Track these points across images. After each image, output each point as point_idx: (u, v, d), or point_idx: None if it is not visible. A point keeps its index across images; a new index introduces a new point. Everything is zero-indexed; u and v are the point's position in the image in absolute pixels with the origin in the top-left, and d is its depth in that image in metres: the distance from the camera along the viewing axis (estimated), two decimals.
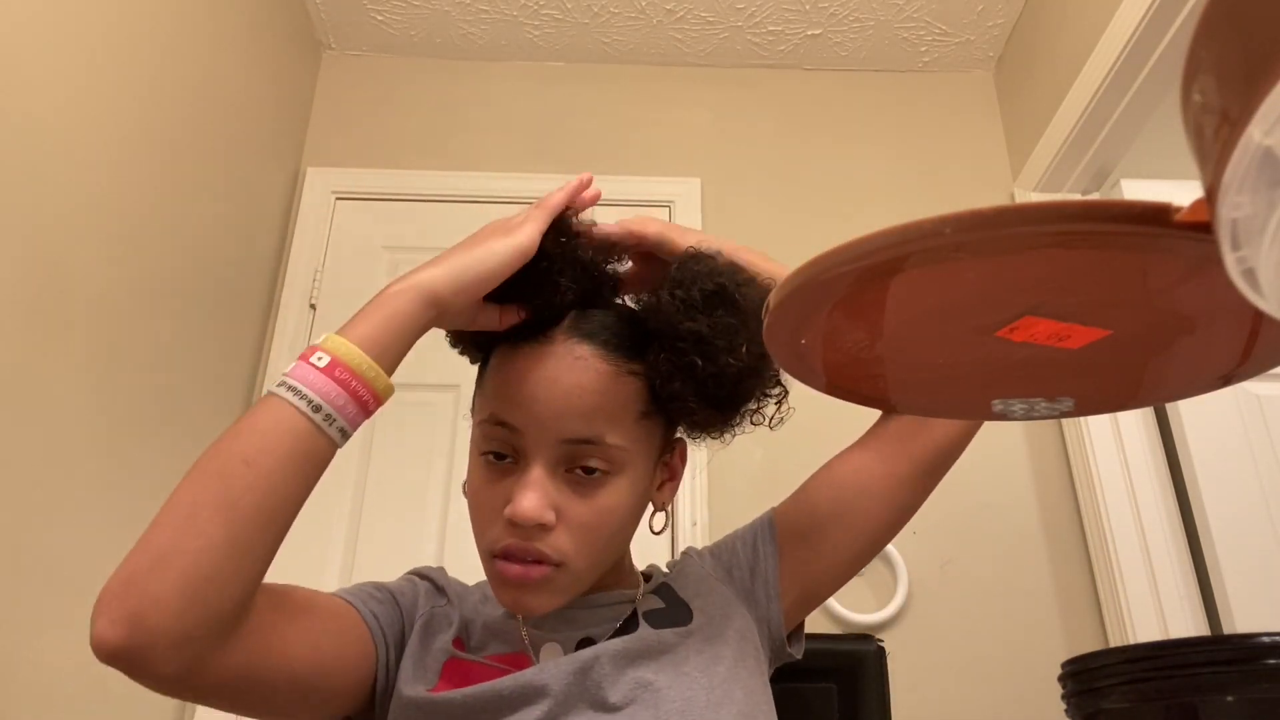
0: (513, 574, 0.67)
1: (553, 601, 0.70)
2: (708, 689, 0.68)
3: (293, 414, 0.59)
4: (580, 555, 0.69)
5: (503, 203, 2.15)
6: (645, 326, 0.73)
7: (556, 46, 2.31)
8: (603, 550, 0.72)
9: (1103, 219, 0.37)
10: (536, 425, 0.68)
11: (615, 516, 0.71)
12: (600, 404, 0.69)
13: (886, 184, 2.21)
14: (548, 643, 0.73)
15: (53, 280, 1.31)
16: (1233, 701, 0.78)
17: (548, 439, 0.68)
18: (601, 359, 0.70)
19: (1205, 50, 0.26)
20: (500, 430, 0.70)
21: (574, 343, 0.71)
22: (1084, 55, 1.85)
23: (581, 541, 0.69)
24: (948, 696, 1.71)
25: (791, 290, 0.45)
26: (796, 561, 0.80)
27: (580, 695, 0.67)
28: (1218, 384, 0.51)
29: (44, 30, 1.30)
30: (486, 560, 0.70)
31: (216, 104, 1.80)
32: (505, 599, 0.70)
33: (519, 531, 0.67)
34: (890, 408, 0.76)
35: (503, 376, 0.71)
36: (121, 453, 1.47)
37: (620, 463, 0.71)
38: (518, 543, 0.67)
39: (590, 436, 0.69)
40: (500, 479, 0.70)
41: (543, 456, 0.69)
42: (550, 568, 0.68)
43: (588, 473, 0.69)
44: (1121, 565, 1.73)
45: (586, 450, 0.69)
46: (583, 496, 0.69)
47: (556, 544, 0.68)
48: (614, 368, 0.71)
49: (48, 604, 1.29)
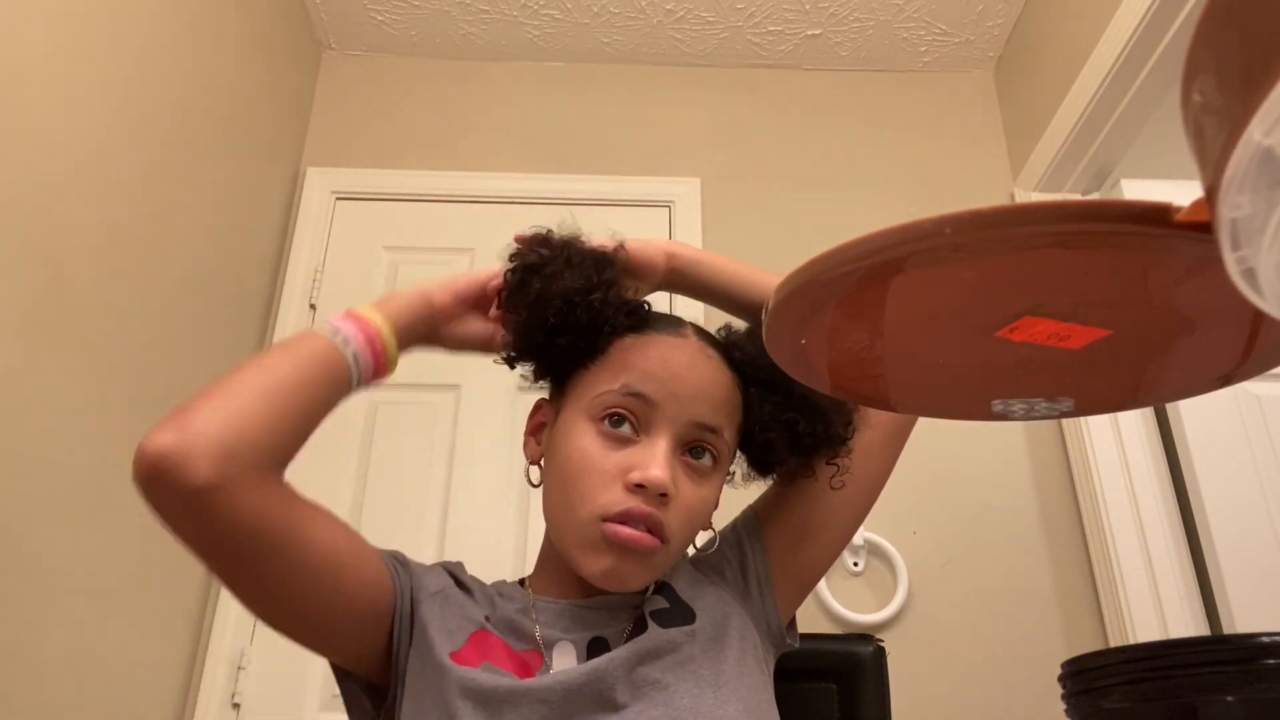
0: (627, 536, 0.68)
1: (645, 577, 0.72)
2: (715, 687, 0.69)
3: (316, 335, 0.69)
4: (678, 538, 0.72)
5: (503, 203, 2.15)
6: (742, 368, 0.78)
7: (556, 46, 2.31)
8: (688, 541, 0.75)
9: (1103, 219, 0.37)
10: (674, 401, 0.72)
11: (707, 509, 0.75)
12: (726, 399, 0.75)
13: (887, 184, 2.21)
14: (560, 642, 0.74)
15: (53, 280, 1.31)
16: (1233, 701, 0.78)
17: (682, 417, 0.72)
18: (727, 367, 0.77)
19: (1205, 50, 0.26)
20: (632, 400, 0.73)
21: (705, 344, 0.77)
22: (1084, 55, 1.85)
23: (683, 524, 0.72)
24: (948, 696, 1.71)
25: (791, 290, 0.45)
26: (784, 550, 0.81)
27: (591, 696, 0.67)
28: (1218, 384, 0.51)
29: (44, 31, 1.30)
30: (591, 524, 0.70)
31: (217, 104, 1.80)
32: (602, 565, 0.70)
33: (644, 496, 0.69)
34: (890, 407, 0.76)
35: (642, 354, 0.75)
36: (123, 452, 1.47)
37: (723, 461, 0.76)
38: (640, 507, 0.69)
39: (716, 425, 0.74)
40: (619, 447, 0.72)
41: (672, 433, 0.72)
42: (660, 543, 0.70)
43: (697, 458, 0.73)
44: (1121, 565, 1.73)
45: (709, 437, 0.74)
46: (693, 482, 0.73)
47: (669, 519, 0.70)
48: (733, 378, 0.77)
49: (47, 604, 1.29)
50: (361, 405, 1.92)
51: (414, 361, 0.75)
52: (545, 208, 2.14)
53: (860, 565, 1.82)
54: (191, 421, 0.61)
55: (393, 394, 1.92)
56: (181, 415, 0.61)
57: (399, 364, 0.75)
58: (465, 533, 1.82)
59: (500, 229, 2.42)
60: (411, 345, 0.75)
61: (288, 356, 0.67)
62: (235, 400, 0.63)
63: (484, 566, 0.94)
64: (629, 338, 0.76)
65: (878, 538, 1.82)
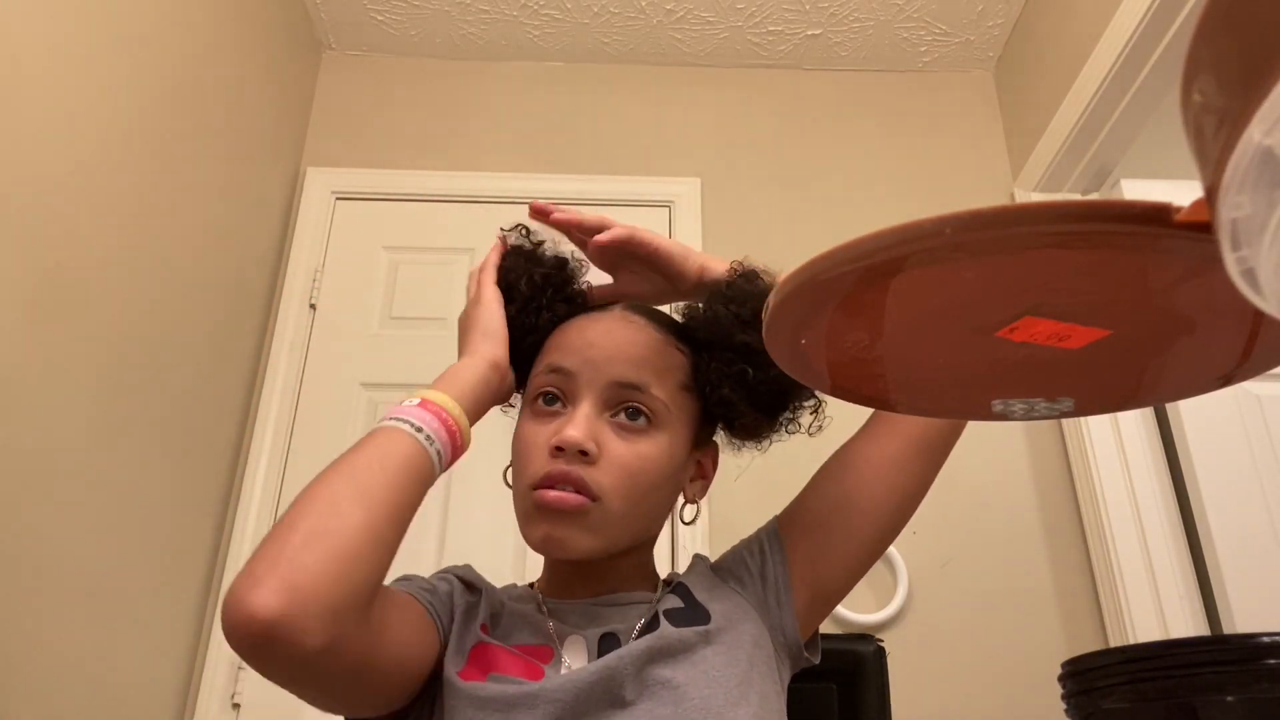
0: (550, 498, 0.70)
1: (585, 540, 0.72)
2: (725, 688, 0.69)
3: (400, 434, 0.67)
4: (616, 495, 0.72)
5: (502, 203, 2.15)
6: (694, 335, 0.79)
7: (556, 46, 2.31)
8: (638, 501, 0.74)
9: (1103, 219, 0.37)
10: (590, 367, 0.75)
11: (652, 467, 0.74)
12: (649, 357, 0.76)
13: (886, 184, 2.21)
14: (572, 636, 0.74)
15: (53, 280, 1.31)
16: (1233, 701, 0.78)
17: (599, 380, 0.74)
18: (654, 328, 0.78)
19: (1205, 50, 0.26)
20: (554, 376, 0.76)
21: (629, 313, 0.79)
22: (1084, 55, 1.85)
23: (619, 481, 0.72)
24: (948, 696, 1.71)
25: (791, 290, 0.45)
26: (805, 563, 0.80)
27: (602, 694, 0.67)
28: (1218, 384, 0.51)
29: (44, 31, 1.30)
30: (524, 497, 0.73)
31: (216, 104, 1.80)
32: (538, 533, 0.72)
33: (563, 458, 0.71)
34: (891, 407, 0.76)
35: (562, 333, 0.79)
36: (121, 452, 1.47)
37: (661, 417, 0.75)
38: (559, 468, 0.71)
39: (637, 382, 0.75)
40: (548, 421, 0.75)
41: (592, 396, 0.74)
42: (588, 500, 0.71)
43: (631, 418, 0.74)
44: (1121, 565, 1.73)
45: (633, 395, 0.75)
46: (624, 440, 0.74)
47: (596, 478, 0.71)
48: (664, 337, 0.78)
49: (48, 604, 1.29)
50: (363, 406, 1.93)
51: (414, 361, 0.75)
52: None
53: (867, 570, 1.82)
54: (299, 580, 0.56)
55: (393, 394, 1.92)
56: (286, 569, 0.56)
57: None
58: (466, 534, 1.82)
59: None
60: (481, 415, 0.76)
61: (383, 472, 0.64)
62: (339, 543, 0.58)
63: (484, 570, 0.94)
64: (560, 326, 0.81)
65: None
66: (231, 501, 1.84)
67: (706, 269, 0.82)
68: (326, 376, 1.96)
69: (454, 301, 2.04)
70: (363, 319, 2.02)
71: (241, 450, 1.89)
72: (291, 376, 1.95)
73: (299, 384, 1.96)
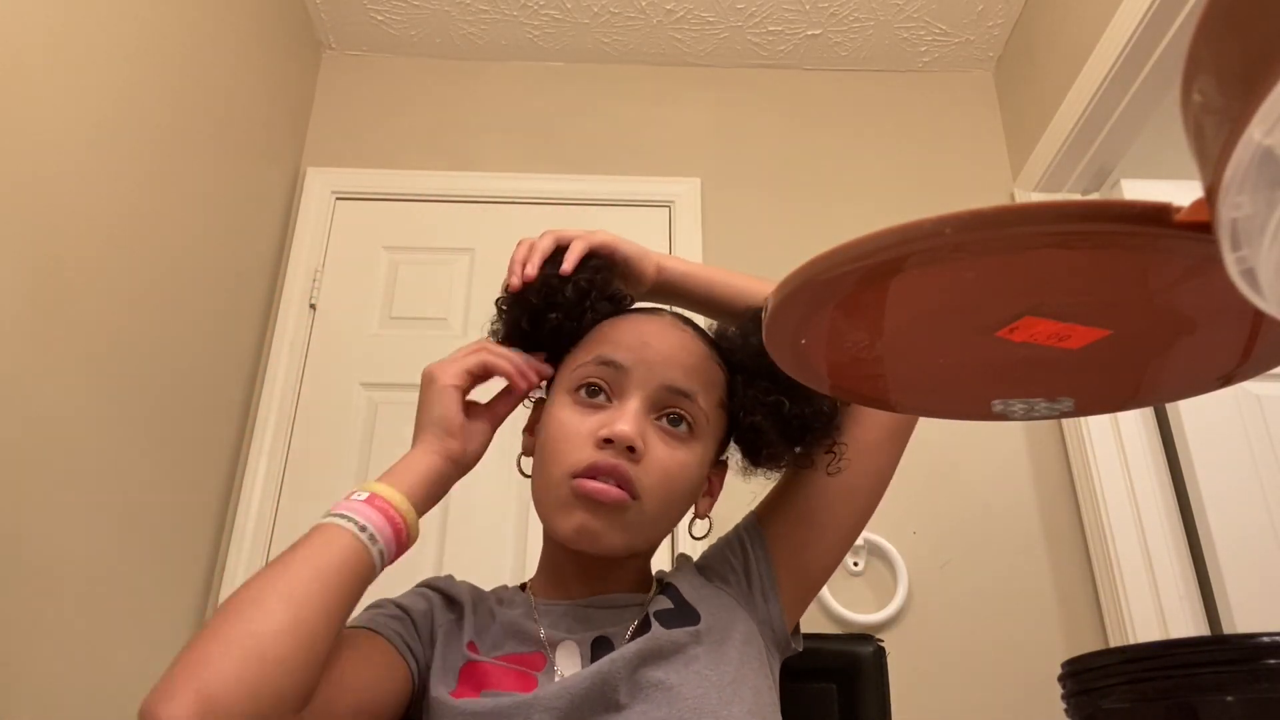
0: (593, 488, 0.69)
1: (617, 537, 0.71)
2: (719, 687, 0.69)
3: (342, 532, 0.65)
4: (654, 497, 0.71)
5: (503, 203, 2.15)
6: (731, 358, 0.79)
7: (556, 46, 2.31)
8: (671, 506, 0.74)
9: (1103, 219, 0.37)
10: (644, 366, 0.74)
11: (688, 475, 0.74)
12: (700, 366, 0.76)
13: (886, 184, 2.21)
14: (564, 641, 0.74)
15: (52, 280, 1.31)
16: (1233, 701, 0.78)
17: (652, 380, 0.74)
18: (702, 341, 0.79)
19: (1205, 50, 0.26)
20: (605, 369, 0.75)
21: (678, 320, 0.80)
22: (1084, 55, 1.85)
23: (659, 483, 0.72)
24: (948, 696, 1.71)
25: (791, 290, 0.45)
26: (788, 553, 0.81)
27: (596, 699, 0.68)
28: (1218, 384, 0.51)
29: (44, 31, 1.30)
30: (562, 483, 0.71)
31: (216, 104, 1.80)
32: (573, 522, 0.70)
33: (612, 451, 0.70)
34: (890, 407, 0.76)
35: (614, 326, 0.78)
36: (121, 452, 1.47)
37: (701, 428, 0.75)
38: (607, 460, 0.70)
39: (688, 390, 0.74)
40: (591, 414, 0.73)
41: (643, 395, 0.73)
42: (628, 497, 0.70)
43: (674, 423, 0.74)
44: (1121, 565, 1.73)
45: (681, 402, 0.74)
46: (666, 445, 0.73)
47: (639, 476, 0.71)
48: (710, 351, 0.79)
49: (47, 604, 1.29)
50: (363, 406, 1.93)
51: (414, 361, 0.75)
52: (545, 208, 2.14)
53: (860, 565, 1.82)
54: (214, 690, 0.53)
55: (393, 394, 1.92)
56: (201, 679, 0.54)
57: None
58: (465, 534, 1.82)
59: (500, 229, 2.42)
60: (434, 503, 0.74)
61: (316, 573, 0.61)
62: (260, 648, 0.56)
63: (484, 570, 0.94)
64: (608, 318, 0.79)
65: (878, 538, 1.82)
66: (231, 501, 1.84)
67: (663, 268, 0.85)
68: (326, 376, 1.96)
69: (454, 302, 2.04)
70: (363, 319, 2.02)
71: (241, 450, 1.89)
72: (291, 376, 1.95)
73: (299, 384, 1.96)
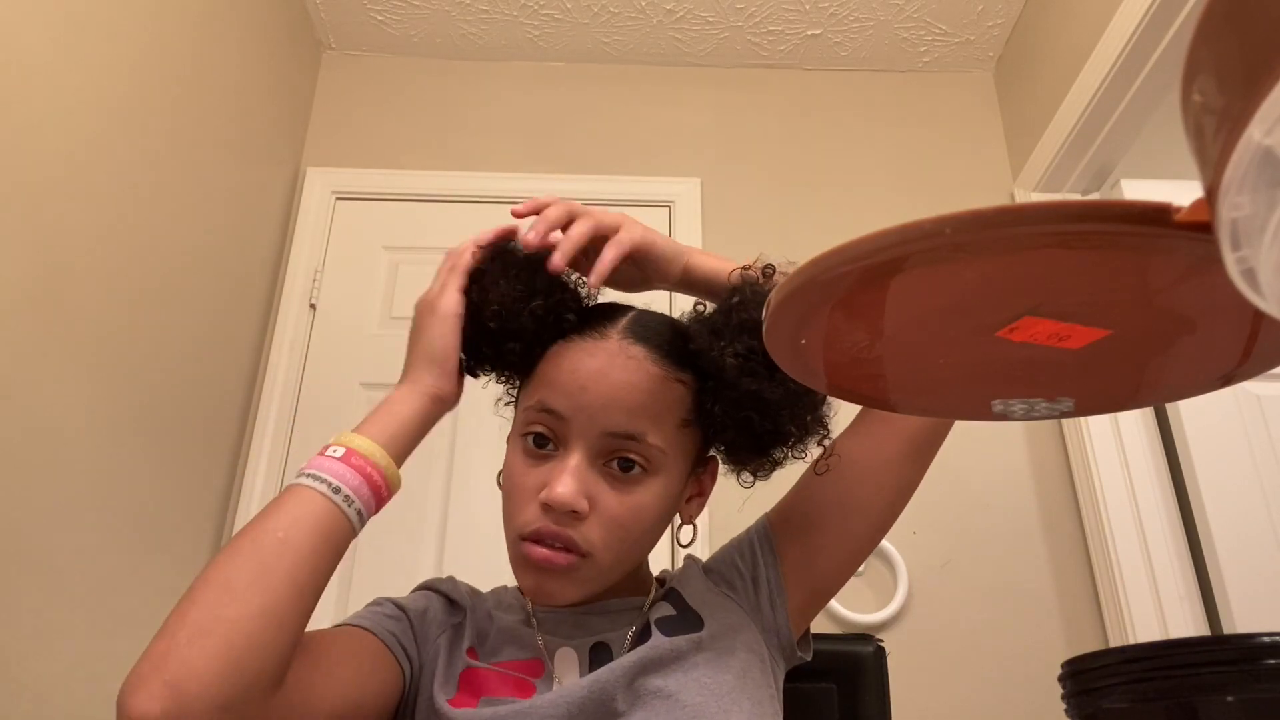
0: (539, 556, 0.68)
1: (574, 592, 0.70)
2: (718, 695, 0.68)
3: (314, 495, 0.62)
4: (608, 549, 0.70)
5: (503, 203, 2.14)
6: (698, 364, 0.73)
7: (556, 46, 2.31)
8: (630, 549, 0.72)
9: (1103, 219, 0.37)
10: (583, 414, 0.70)
11: (646, 516, 0.72)
12: (646, 403, 0.71)
13: (886, 184, 2.21)
14: (562, 648, 0.74)
15: (53, 280, 1.31)
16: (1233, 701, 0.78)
17: (592, 429, 0.70)
18: (654, 362, 0.72)
19: (1205, 50, 0.26)
20: (546, 416, 0.71)
21: (629, 343, 0.73)
22: (1084, 55, 1.85)
23: (611, 535, 0.70)
24: (948, 696, 1.71)
25: (791, 290, 0.45)
26: (798, 563, 0.79)
27: (595, 708, 0.67)
28: (1218, 384, 0.51)
29: (44, 31, 1.30)
30: (514, 544, 0.71)
31: (217, 104, 1.80)
32: (527, 583, 0.70)
33: (552, 516, 0.68)
34: (890, 408, 0.76)
35: (556, 365, 0.73)
36: (121, 452, 1.47)
37: (657, 464, 0.72)
38: (549, 526, 0.68)
39: (633, 432, 0.70)
40: (539, 464, 0.71)
41: (584, 446, 0.70)
42: (577, 557, 0.69)
43: (625, 469, 0.70)
44: (1121, 565, 1.73)
45: (627, 445, 0.70)
46: (617, 491, 0.70)
47: (587, 534, 0.69)
48: (664, 372, 0.72)
49: (47, 604, 1.29)
50: (362, 406, 1.92)
51: None
52: None
53: (860, 565, 1.82)
54: (183, 680, 0.52)
55: None
56: (170, 669, 0.53)
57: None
58: (465, 534, 1.82)
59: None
60: (414, 446, 0.72)
61: (288, 545, 0.59)
62: (230, 634, 0.55)
63: (484, 571, 0.93)
64: (555, 346, 0.74)
65: None
66: (231, 501, 1.84)
67: (689, 269, 0.81)
68: (326, 376, 1.96)
69: None
70: (363, 319, 2.02)
71: (241, 450, 1.89)
72: (291, 376, 1.95)
73: (299, 384, 1.96)
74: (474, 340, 0.75)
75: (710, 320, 0.73)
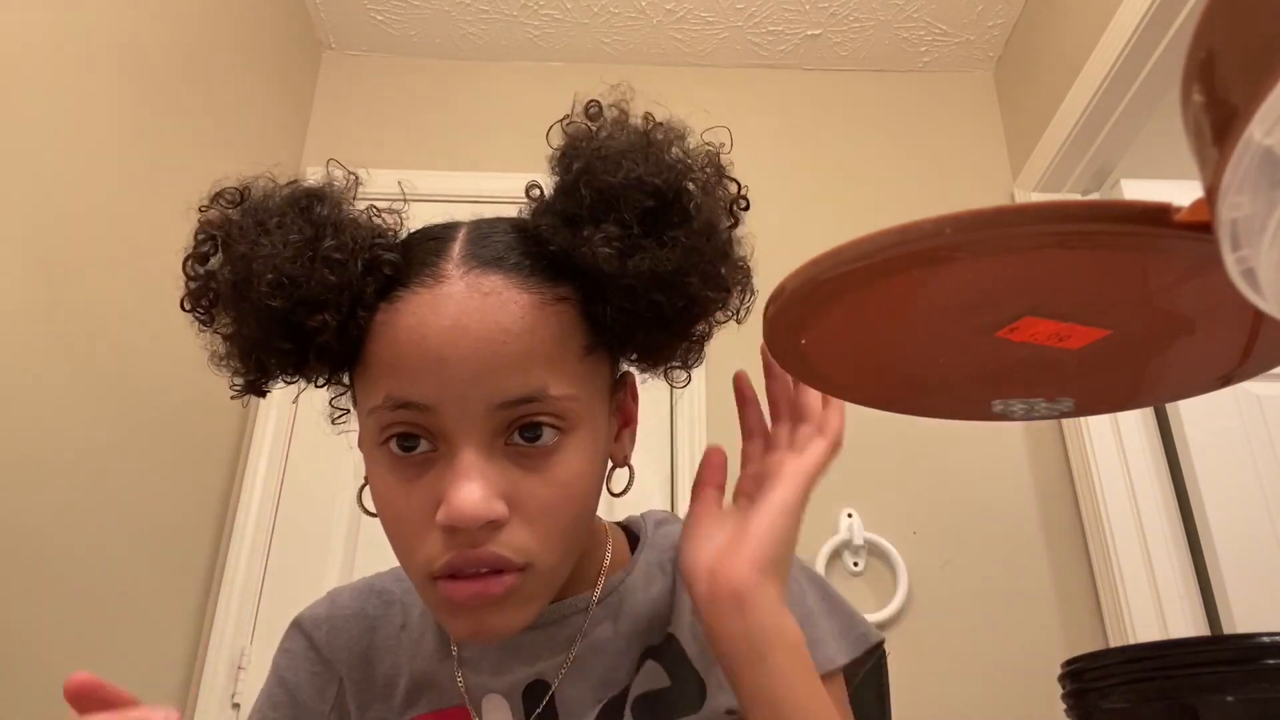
0: (466, 596, 0.51)
1: (523, 615, 0.53)
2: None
3: None
4: (548, 549, 0.53)
5: (502, 203, 2.14)
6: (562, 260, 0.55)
7: (556, 46, 2.31)
8: (574, 534, 0.55)
9: (1103, 219, 0.37)
10: (453, 394, 0.50)
11: (579, 487, 0.54)
12: (532, 346, 0.52)
13: (886, 184, 2.21)
14: (488, 696, 0.61)
15: (52, 280, 1.31)
16: (1233, 701, 0.78)
17: (474, 409, 0.51)
18: (519, 288, 0.53)
19: (1205, 50, 0.26)
20: (404, 413, 0.52)
21: (475, 275, 0.53)
22: (1084, 55, 1.85)
23: (547, 530, 0.53)
24: (948, 696, 1.71)
25: (791, 290, 0.45)
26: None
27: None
28: (1218, 384, 0.51)
29: (42, 31, 1.30)
30: (425, 586, 0.53)
31: (216, 104, 1.80)
32: (461, 630, 0.53)
33: (462, 538, 0.50)
34: (890, 407, 0.76)
35: (391, 340, 0.52)
36: (121, 452, 1.47)
37: (573, 417, 0.54)
38: (464, 553, 0.50)
39: (529, 393, 0.51)
40: (418, 475, 0.52)
41: (472, 434, 0.51)
42: (514, 574, 0.51)
43: (532, 439, 0.52)
44: (1121, 565, 1.73)
45: (527, 410, 0.52)
46: (534, 472, 0.52)
47: (515, 541, 0.51)
48: (537, 296, 0.53)
49: (47, 604, 1.29)
50: None
51: None
52: None
53: (860, 565, 1.82)
54: None
55: None
56: None
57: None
58: None
59: None
60: None
61: None
62: None
63: None
64: (379, 313, 0.53)
65: (878, 538, 1.82)
66: (231, 501, 1.84)
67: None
68: None
69: None
70: None
71: (241, 450, 1.89)
72: None
73: (299, 383, 1.96)
74: (258, 337, 0.54)
75: (558, 207, 0.56)
